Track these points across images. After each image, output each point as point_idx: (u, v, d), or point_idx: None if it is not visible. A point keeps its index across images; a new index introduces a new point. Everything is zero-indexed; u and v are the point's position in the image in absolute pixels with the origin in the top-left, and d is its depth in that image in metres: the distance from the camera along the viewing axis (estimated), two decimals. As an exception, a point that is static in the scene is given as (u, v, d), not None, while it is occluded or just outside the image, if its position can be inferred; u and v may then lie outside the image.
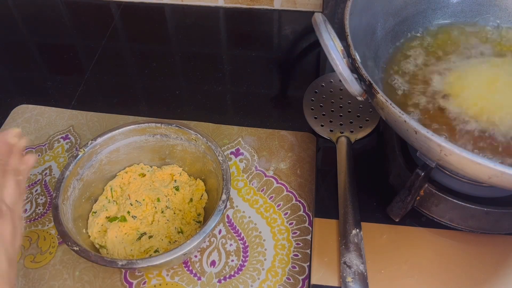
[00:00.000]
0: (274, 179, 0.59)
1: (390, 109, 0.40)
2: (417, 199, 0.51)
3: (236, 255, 0.53)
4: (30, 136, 0.64)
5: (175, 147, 0.57)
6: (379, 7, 0.54)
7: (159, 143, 0.57)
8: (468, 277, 0.48)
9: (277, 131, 0.64)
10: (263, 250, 0.53)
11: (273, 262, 0.52)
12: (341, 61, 0.44)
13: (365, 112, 0.62)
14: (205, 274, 0.51)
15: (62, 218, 0.48)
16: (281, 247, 0.53)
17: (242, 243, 0.54)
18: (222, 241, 0.54)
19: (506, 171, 0.35)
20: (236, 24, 0.82)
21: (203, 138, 0.54)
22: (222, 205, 0.49)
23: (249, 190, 0.58)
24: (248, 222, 0.55)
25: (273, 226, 0.55)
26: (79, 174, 0.53)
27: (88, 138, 0.64)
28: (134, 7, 0.84)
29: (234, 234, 0.54)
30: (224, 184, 0.50)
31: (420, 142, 0.39)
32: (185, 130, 0.55)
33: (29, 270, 0.52)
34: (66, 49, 0.78)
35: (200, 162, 0.56)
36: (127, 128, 0.55)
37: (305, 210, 0.56)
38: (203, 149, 0.55)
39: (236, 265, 0.52)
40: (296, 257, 0.52)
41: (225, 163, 0.52)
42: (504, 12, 0.58)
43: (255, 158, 0.61)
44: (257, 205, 0.57)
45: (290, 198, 0.57)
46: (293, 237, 0.54)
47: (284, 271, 0.51)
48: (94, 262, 0.45)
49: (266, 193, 0.58)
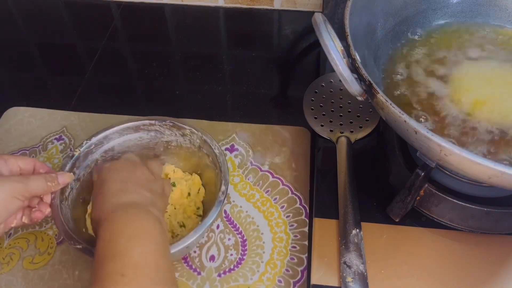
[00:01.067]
0: (270, 174, 0.60)
1: (390, 109, 0.40)
2: (417, 199, 0.51)
3: (235, 249, 0.53)
4: (23, 138, 0.64)
5: (170, 143, 0.57)
6: (379, 7, 0.54)
7: (153, 140, 0.57)
8: (468, 277, 0.48)
9: (271, 126, 0.65)
10: (262, 243, 0.53)
11: (271, 255, 0.53)
12: (341, 61, 0.44)
13: (365, 112, 0.62)
14: (204, 269, 0.52)
15: (62, 218, 0.48)
16: (279, 240, 0.54)
17: (241, 237, 0.54)
18: (220, 235, 0.54)
19: (506, 171, 0.35)
20: (236, 24, 0.82)
21: (198, 132, 0.54)
22: (222, 196, 0.49)
23: (245, 185, 0.59)
24: (245, 217, 0.56)
25: (270, 220, 0.55)
26: (76, 174, 0.53)
27: (81, 138, 0.64)
28: (134, 7, 0.84)
29: (232, 229, 0.55)
30: (223, 176, 0.51)
31: (420, 142, 0.39)
32: (179, 126, 0.55)
33: (28, 271, 0.52)
34: (66, 49, 0.78)
35: (196, 157, 0.56)
36: (121, 127, 0.55)
37: (301, 202, 0.57)
38: (198, 144, 0.55)
39: (235, 259, 0.52)
40: (294, 248, 0.53)
41: (222, 155, 0.52)
42: (504, 12, 0.58)
43: (250, 153, 0.62)
44: (253, 200, 0.57)
45: (286, 191, 0.58)
46: (291, 229, 0.54)
47: (283, 263, 0.52)
48: None
49: (262, 187, 0.58)
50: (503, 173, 0.35)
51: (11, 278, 0.52)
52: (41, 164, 0.49)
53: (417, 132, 0.38)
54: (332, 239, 0.50)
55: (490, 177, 0.37)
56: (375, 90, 0.41)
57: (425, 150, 0.40)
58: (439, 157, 0.39)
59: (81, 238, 0.48)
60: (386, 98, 0.41)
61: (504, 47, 0.55)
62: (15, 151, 0.63)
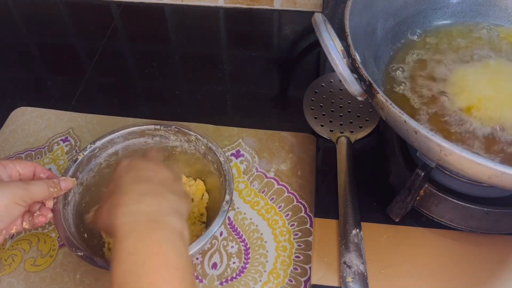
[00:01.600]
0: (275, 181, 0.59)
1: (390, 109, 0.40)
2: (417, 199, 0.51)
3: (237, 257, 0.52)
4: (30, 139, 0.64)
5: (175, 148, 0.56)
6: (379, 7, 0.54)
7: (158, 145, 0.56)
8: (468, 277, 0.48)
9: (278, 132, 0.64)
10: (265, 252, 0.53)
11: (274, 264, 0.52)
12: (341, 61, 0.44)
13: (365, 112, 0.62)
14: (206, 276, 0.51)
15: (64, 224, 0.47)
16: (282, 249, 0.53)
17: (244, 245, 0.53)
18: (223, 243, 0.54)
19: (506, 171, 0.35)
20: (236, 24, 0.82)
21: (203, 139, 0.53)
22: (226, 206, 0.48)
23: (250, 191, 0.58)
24: (249, 224, 0.55)
25: (274, 228, 0.55)
26: (79, 178, 0.52)
27: (87, 140, 0.63)
28: (134, 7, 0.84)
29: (236, 236, 0.54)
30: (227, 185, 0.50)
31: (420, 142, 0.39)
32: (184, 131, 0.54)
33: (30, 273, 0.52)
34: (66, 49, 0.78)
35: (200, 163, 0.56)
36: (126, 131, 0.55)
37: (306, 211, 0.56)
38: (203, 150, 0.54)
39: (238, 267, 0.52)
40: (298, 258, 0.52)
41: (227, 163, 0.52)
42: (504, 12, 0.58)
43: (256, 160, 0.61)
44: (258, 207, 0.56)
45: (291, 199, 0.57)
46: (295, 238, 0.54)
47: (286, 273, 0.51)
48: (99, 267, 0.45)
49: (267, 194, 0.58)
50: (503, 173, 0.35)
51: (12, 280, 0.52)
52: (42, 168, 0.48)
53: (417, 132, 0.38)
54: (332, 239, 0.50)
55: (490, 177, 0.37)
56: (375, 90, 0.41)
57: (425, 150, 0.40)
58: (439, 157, 0.39)
59: (82, 244, 0.48)
60: (386, 98, 0.41)
61: (504, 47, 0.55)
62: (21, 151, 0.63)
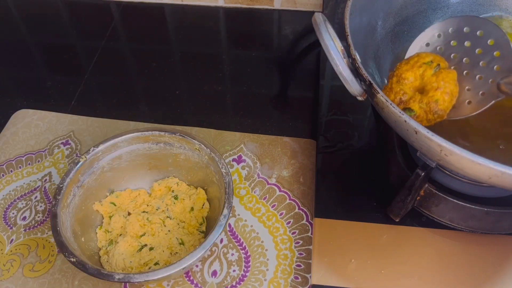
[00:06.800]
0: (277, 187, 0.58)
1: (390, 109, 0.40)
2: (417, 199, 0.51)
3: (237, 265, 0.52)
4: (30, 142, 0.64)
5: (178, 155, 0.56)
6: (379, 7, 0.54)
7: (162, 151, 0.56)
8: (468, 277, 0.47)
9: (280, 138, 0.63)
10: (265, 260, 0.52)
11: (275, 273, 0.51)
12: (341, 61, 0.44)
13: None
14: (206, 284, 0.50)
15: (60, 227, 0.47)
16: (283, 257, 0.52)
17: (244, 253, 0.53)
18: (223, 250, 0.53)
19: (506, 171, 0.35)
20: (236, 24, 0.82)
21: (206, 149, 0.53)
22: (223, 220, 0.47)
23: (251, 198, 0.57)
24: (250, 231, 0.54)
25: (275, 235, 0.54)
26: (80, 181, 0.52)
27: (88, 144, 0.63)
28: (134, 7, 0.84)
29: (236, 244, 0.53)
30: (226, 198, 0.49)
31: (420, 142, 0.39)
32: (188, 140, 0.54)
33: (28, 279, 0.51)
34: (66, 49, 0.78)
35: (203, 172, 0.55)
36: (130, 136, 0.54)
37: (308, 219, 0.55)
38: (206, 160, 0.54)
39: (238, 275, 0.51)
40: (299, 267, 0.51)
41: (228, 175, 0.51)
42: (504, 12, 0.58)
43: (258, 165, 0.60)
44: (259, 214, 0.56)
45: (293, 206, 0.56)
46: (296, 246, 0.53)
47: (287, 282, 0.50)
48: (90, 274, 0.44)
49: (269, 201, 0.57)
50: (503, 173, 0.35)
51: (11, 286, 0.51)
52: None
53: (417, 132, 0.38)
54: (332, 239, 0.50)
55: (491, 177, 0.37)
56: (375, 90, 0.41)
57: (425, 150, 0.40)
58: (439, 157, 0.39)
59: (78, 249, 0.47)
60: (386, 98, 0.41)
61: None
62: (22, 154, 0.62)
